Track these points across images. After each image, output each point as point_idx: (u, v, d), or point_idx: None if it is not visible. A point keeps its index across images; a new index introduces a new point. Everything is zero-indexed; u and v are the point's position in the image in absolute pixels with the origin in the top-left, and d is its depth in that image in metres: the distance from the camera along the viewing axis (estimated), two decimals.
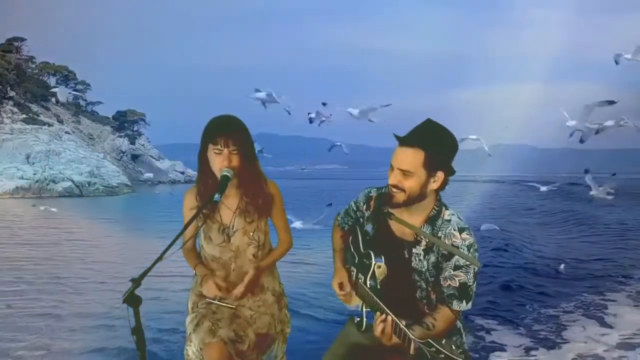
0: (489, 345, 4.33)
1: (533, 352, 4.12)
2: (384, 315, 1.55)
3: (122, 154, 48.49)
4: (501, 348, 4.27)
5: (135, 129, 52.75)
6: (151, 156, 50.59)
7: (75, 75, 52.27)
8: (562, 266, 7.21)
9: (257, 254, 1.99)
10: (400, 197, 1.66)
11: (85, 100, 54.01)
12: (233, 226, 1.96)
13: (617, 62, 5.78)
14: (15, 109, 36.98)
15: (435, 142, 1.65)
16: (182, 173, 50.46)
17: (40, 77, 47.91)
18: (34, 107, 39.88)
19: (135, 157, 49.90)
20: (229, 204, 1.97)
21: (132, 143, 49.98)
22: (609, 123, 5.92)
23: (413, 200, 1.67)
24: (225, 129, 1.86)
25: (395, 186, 1.66)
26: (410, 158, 1.62)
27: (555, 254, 8.84)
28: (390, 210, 1.74)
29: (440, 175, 1.67)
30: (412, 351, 1.41)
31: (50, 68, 50.61)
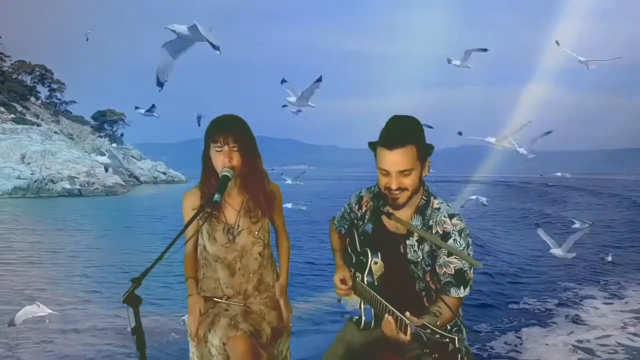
0: (583, 295, 6.34)
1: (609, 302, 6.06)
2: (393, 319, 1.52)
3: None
4: (592, 297, 6.29)
5: (114, 129, 52.58)
6: (132, 156, 50.59)
7: (53, 74, 51.55)
8: (609, 257, 8.23)
9: (263, 253, 2.00)
10: (404, 196, 1.67)
11: (60, 99, 53.30)
12: (238, 226, 1.96)
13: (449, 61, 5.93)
14: (2, 109, 36.65)
15: (419, 134, 1.68)
16: (164, 173, 50.75)
17: (16, 77, 47.12)
18: (18, 107, 39.52)
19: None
20: (234, 204, 1.97)
21: (113, 143, 49.86)
22: (491, 140, 6.27)
23: (414, 194, 1.70)
24: (226, 127, 1.87)
25: (398, 189, 1.66)
26: (407, 157, 1.63)
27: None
28: (391, 210, 1.75)
29: (427, 162, 1.71)
30: (408, 336, 1.41)
31: (26, 67, 49.71)
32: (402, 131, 1.66)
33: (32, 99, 46.83)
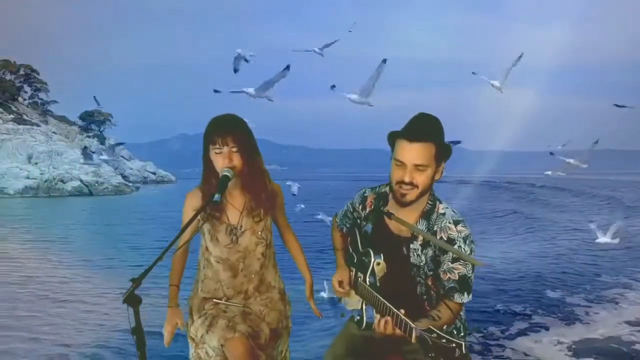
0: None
1: None
2: (384, 318, 1.53)
3: (91, 155, 48.35)
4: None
5: (102, 129, 52.59)
6: (122, 156, 50.77)
7: (38, 73, 51.10)
8: None
9: (266, 253, 1.99)
10: (413, 193, 1.66)
11: (41, 99, 52.97)
12: (241, 226, 1.94)
13: None
14: (0, 109, 36.61)
15: (440, 134, 1.68)
16: (154, 173, 51.22)
17: (2, 76, 46.66)
18: (13, 107, 39.44)
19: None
20: (236, 204, 1.95)
21: (102, 143, 49.97)
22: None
23: (423, 194, 1.69)
24: (223, 128, 1.84)
25: (410, 183, 1.65)
26: (425, 152, 1.63)
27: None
28: (391, 210, 1.76)
29: (442, 166, 1.70)
30: (413, 340, 1.40)
31: (11, 67, 49.16)
32: (426, 127, 1.66)
33: (20, 99, 46.60)
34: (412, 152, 1.63)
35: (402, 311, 1.48)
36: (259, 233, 1.96)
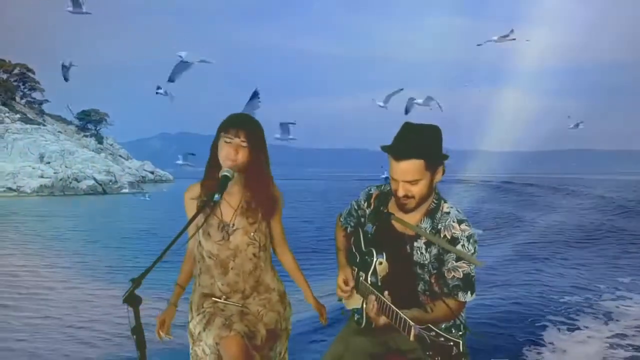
0: None
1: None
2: (372, 302, 1.59)
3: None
4: None
5: (98, 128, 52.61)
6: (120, 156, 50.98)
7: (34, 73, 50.79)
8: None
9: (259, 254, 1.98)
10: (412, 202, 1.69)
11: (34, 98, 52.74)
12: (233, 224, 1.94)
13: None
14: (6, 109, 36.64)
15: (429, 146, 1.66)
16: (152, 173, 51.50)
17: None
18: (17, 107, 39.47)
19: None
20: (232, 202, 1.95)
21: (100, 142, 50.10)
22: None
23: (424, 200, 1.71)
24: (240, 122, 1.89)
25: (405, 196, 1.68)
26: (414, 169, 1.64)
27: None
28: (391, 211, 1.78)
29: (440, 168, 1.71)
30: (412, 338, 1.41)
31: (7, 66, 48.82)
32: (410, 144, 1.65)
33: (17, 98, 46.47)
34: (400, 171, 1.65)
35: (406, 314, 1.48)
36: (251, 234, 1.95)
